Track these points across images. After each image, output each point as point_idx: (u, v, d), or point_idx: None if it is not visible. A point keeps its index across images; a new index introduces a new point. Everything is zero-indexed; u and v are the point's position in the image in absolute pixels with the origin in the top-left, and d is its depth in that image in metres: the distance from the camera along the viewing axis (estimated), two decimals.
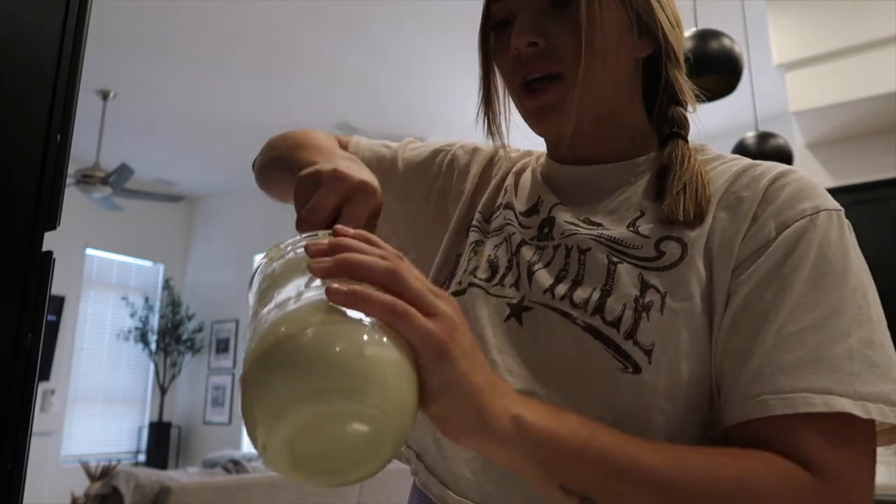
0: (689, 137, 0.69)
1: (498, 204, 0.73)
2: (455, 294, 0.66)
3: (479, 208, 0.74)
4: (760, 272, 0.53)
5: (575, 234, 0.62)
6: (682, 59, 0.68)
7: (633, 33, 0.63)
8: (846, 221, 0.56)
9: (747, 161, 0.62)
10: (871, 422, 0.50)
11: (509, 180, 0.75)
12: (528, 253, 0.65)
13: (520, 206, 0.71)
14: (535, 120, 0.65)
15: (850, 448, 0.49)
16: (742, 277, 0.54)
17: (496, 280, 0.64)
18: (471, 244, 0.70)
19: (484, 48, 0.70)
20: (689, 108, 0.69)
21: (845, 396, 0.48)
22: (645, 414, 0.53)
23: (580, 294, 0.58)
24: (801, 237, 0.53)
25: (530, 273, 0.62)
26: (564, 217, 0.65)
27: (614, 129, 0.67)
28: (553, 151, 0.73)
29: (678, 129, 0.67)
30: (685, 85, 0.68)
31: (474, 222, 0.73)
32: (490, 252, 0.67)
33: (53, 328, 5.74)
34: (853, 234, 0.56)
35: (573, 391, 0.55)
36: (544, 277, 0.61)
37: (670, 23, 0.65)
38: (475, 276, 0.66)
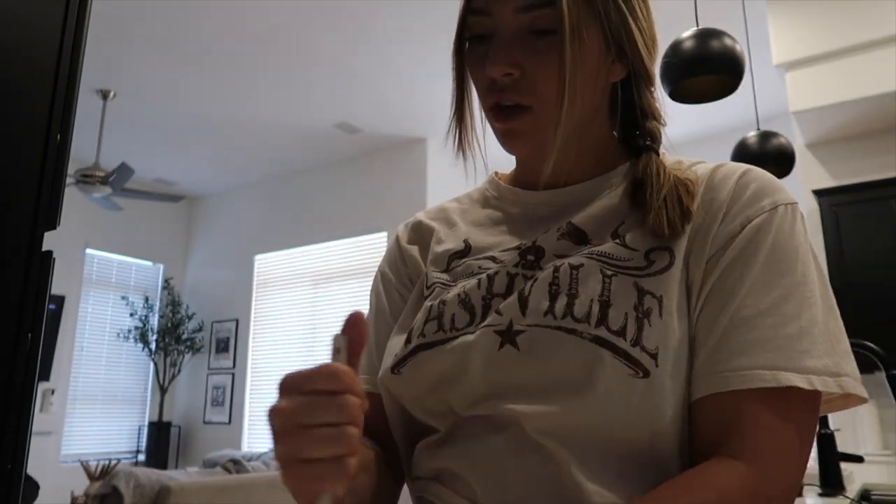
0: (688, 136, 0.69)
1: (456, 252, 0.72)
2: (419, 348, 0.64)
3: (428, 267, 0.73)
4: (724, 263, 0.59)
5: (565, 255, 0.63)
6: (655, 77, 0.69)
7: (608, 59, 0.64)
8: (799, 213, 0.62)
9: (710, 164, 0.66)
10: (817, 394, 0.56)
11: (461, 230, 0.74)
12: (503, 282, 0.64)
13: (491, 250, 0.69)
14: (503, 140, 0.67)
15: (791, 423, 0.55)
16: (712, 269, 0.59)
17: (479, 316, 0.63)
18: (438, 300, 0.67)
19: (458, 60, 0.69)
20: (662, 121, 0.70)
21: (792, 371, 0.54)
22: (659, 412, 0.56)
23: (579, 308, 0.58)
24: (758, 230, 0.59)
25: (522, 299, 0.61)
26: (552, 246, 0.65)
27: (582, 148, 0.68)
28: (523, 175, 0.74)
29: (651, 143, 0.68)
30: (655, 101, 0.70)
31: (431, 280, 0.71)
32: (458, 291, 0.66)
33: (54, 326, 5.74)
34: (804, 223, 0.62)
35: (586, 401, 0.56)
36: (539, 298, 0.60)
37: (646, 46, 0.66)
38: (455, 328, 0.63)
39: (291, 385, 0.46)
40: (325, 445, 0.44)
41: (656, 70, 0.70)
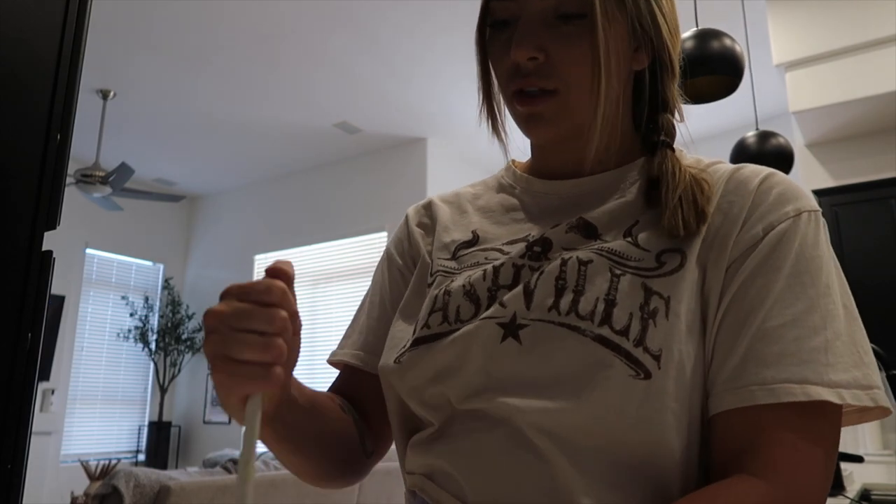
0: (687, 137, 0.69)
1: (463, 242, 0.71)
2: (424, 339, 0.64)
3: (433, 254, 0.72)
4: (747, 270, 0.57)
5: (574, 249, 0.62)
6: (677, 68, 0.68)
7: (632, 46, 0.64)
8: (822, 221, 0.60)
9: (730, 165, 0.65)
10: (841, 408, 0.55)
11: (471, 219, 0.73)
12: (508, 274, 0.63)
13: (499, 241, 0.69)
14: (525, 126, 0.66)
15: (816, 439, 0.53)
16: (734, 276, 0.58)
17: (483, 308, 0.62)
18: (443, 289, 0.66)
19: (481, 44, 0.69)
20: (677, 116, 0.69)
21: (821, 385, 0.52)
22: (659, 417, 0.54)
23: (584, 306, 0.58)
24: (782, 238, 0.57)
25: (528, 292, 0.60)
26: (561, 239, 0.64)
27: (606, 139, 0.66)
28: (539, 164, 0.73)
29: (666, 138, 0.67)
30: (676, 93, 0.69)
31: (436, 267, 0.70)
32: (464, 282, 0.65)
33: (54, 326, 5.74)
34: (827, 231, 0.61)
35: (586, 400, 0.55)
36: (545, 293, 0.60)
37: (671, 33, 0.65)
38: (459, 320, 0.63)
39: (231, 293, 0.49)
40: (253, 350, 0.47)
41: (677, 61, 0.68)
